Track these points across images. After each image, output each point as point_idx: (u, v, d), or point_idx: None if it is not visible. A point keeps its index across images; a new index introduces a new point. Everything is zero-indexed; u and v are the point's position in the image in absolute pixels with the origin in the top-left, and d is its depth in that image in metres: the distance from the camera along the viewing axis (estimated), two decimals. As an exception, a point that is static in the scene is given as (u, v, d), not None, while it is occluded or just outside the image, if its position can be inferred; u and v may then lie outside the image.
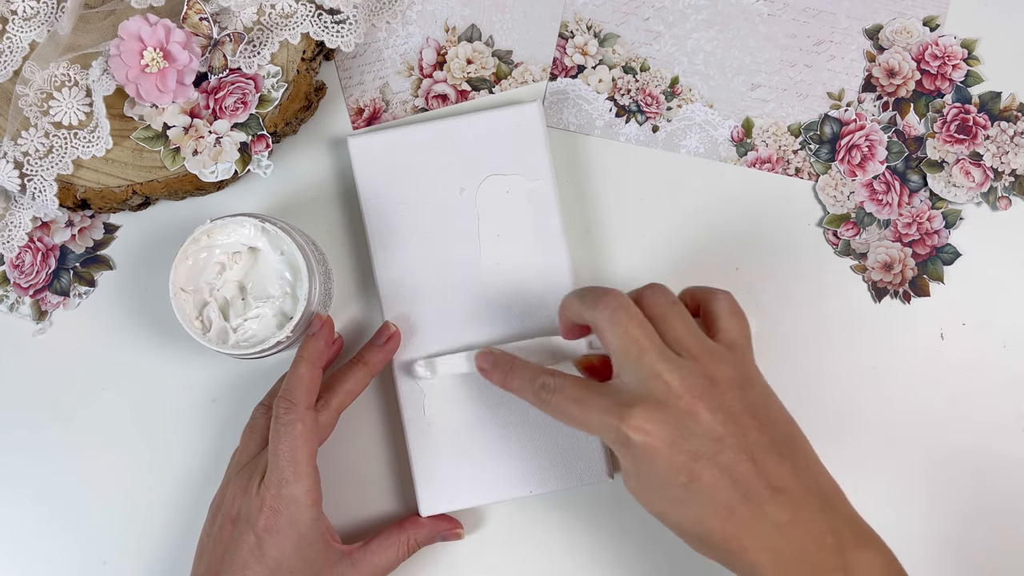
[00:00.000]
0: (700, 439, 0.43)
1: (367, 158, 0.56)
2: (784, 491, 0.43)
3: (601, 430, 0.45)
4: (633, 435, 0.44)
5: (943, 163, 0.58)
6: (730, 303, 0.48)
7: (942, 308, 0.57)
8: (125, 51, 0.52)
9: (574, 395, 0.46)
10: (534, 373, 0.49)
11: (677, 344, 0.46)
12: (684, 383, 0.44)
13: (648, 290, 0.48)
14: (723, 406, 0.44)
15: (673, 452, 0.43)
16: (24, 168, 0.54)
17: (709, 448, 0.43)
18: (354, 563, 0.51)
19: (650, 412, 0.44)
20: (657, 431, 0.43)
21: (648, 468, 0.44)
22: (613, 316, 0.46)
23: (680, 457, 0.43)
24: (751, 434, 0.44)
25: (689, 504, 0.44)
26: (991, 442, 0.57)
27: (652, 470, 0.44)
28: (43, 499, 0.58)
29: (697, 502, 0.43)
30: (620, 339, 0.45)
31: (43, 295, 0.58)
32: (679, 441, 0.43)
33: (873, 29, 0.59)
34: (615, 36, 0.59)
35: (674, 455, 0.43)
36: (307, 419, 0.49)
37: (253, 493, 0.49)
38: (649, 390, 0.44)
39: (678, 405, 0.44)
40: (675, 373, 0.44)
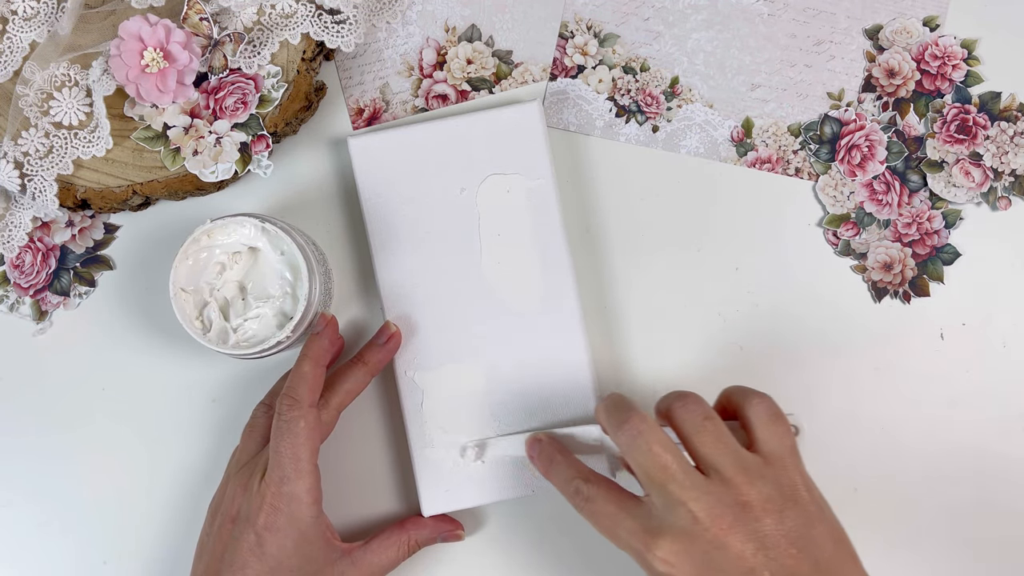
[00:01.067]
0: (729, 573, 0.42)
1: (367, 158, 0.56)
2: None
3: (628, 550, 0.44)
4: (658, 566, 0.42)
5: (943, 163, 0.58)
6: (768, 409, 0.46)
7: (942, 308, 0.57)
8: (125, 51, 0.52)
9: (606, 510, 0.45)
10: (571, 476, 0.48)
11: (706, 462, 0.44)
12: (711, 513, 0.42)
13: (679, 403, 0.46)
14: (757, 535, 0.42)
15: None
16: (24, 168, 0.54)
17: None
18: (354, 562, 0.51)
19: (675, 544, 0.42)
20: (682, 564, 0.42)
21: None
22: (634, 442, 0.45)
23: None
24: (787, 562, 0.42)
25: None
26: (991, 442, 0.57)
27: None
28: (43, 499, 0.58)
29: None
30: (644, 465, 0.44)
31: (43, 295, 0.58)
32: (706, 574, 0.42)
33: (873, 29, 0.59)
34: (615, 36, 0.59)
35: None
36: (310, 417, 0.49)
37: (254, 491, 0.49)
38: (676, 520, 0.43)
39: (704, 537, 0.42)
40: (701, 501, 0.43)
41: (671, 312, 0.57)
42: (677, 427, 0.45)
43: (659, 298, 0.58)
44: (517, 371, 0.55)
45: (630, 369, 0.57)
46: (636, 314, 0.57)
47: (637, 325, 0.57)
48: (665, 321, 0.57)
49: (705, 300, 0.57)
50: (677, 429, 0.45)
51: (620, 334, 0.57)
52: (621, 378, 0.57)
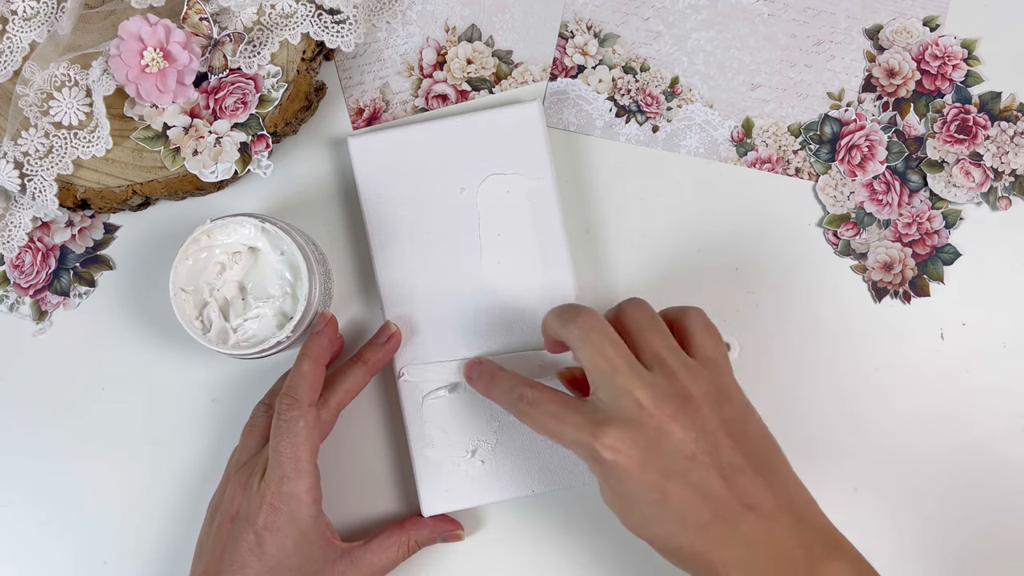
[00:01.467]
0: (671, 457, 0.44)
1: (367, 158, 0.56)
2: (755, 508, 0.44)
3: (574, 445, 0.45)
4: (605, 454, 0.44)
5: (943, 163, 0.58)
6: (702, 318, 0.49)
7: (942, 308, 0.57)
8: (125, 51, 0.52)
9: (551, 410, 0.47)
10: (513, 384, 0.49)
11: (652, 360, 0.46)
12: (656, 401, 0.44)
13: (627, 305, 0.48)
14: (696, 423, 0.44)
15: (644, 471, 0.44)
16: (24, 168, 0.54)
17: (680, 466, 0.44)
18: (354, 561, 0.51)
19: (622, 431, 0.44)
20: (628, 450, 0.44)
21: (620, 486, 0.44)
22: (586, 336, 0.46)
23: (651, 475, 0.44)
24: (724, 451, 0.44)
25: (660, 522, 0.44)
26: (991, 442, 0.57)
27: (624, 488, 0.44)
28: (43, 499, 0.58)
29: (668, 519, 0.44)
30: (592, 358, 0.46)
31: (43, 295, 0.58)
32: (650, 460, 0.44)
33: (873, 29, 0.59)
34: (615, 36, 0.59)
35: (645, 473, 0.44)
36: (309, 416, 0.49)
37: (253, 491, 0.49)
38: (621, 408, 0.45)
39: (649, 423, 0.44)
40: (647, 391, 0.45)
41: (671, 312, 0.57)
42: (625, 325, 0.47)
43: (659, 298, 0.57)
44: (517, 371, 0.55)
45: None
46: (636, 314, 0.57)
47: (637, 325, 0.57)
48: (665, 321, 0.57)
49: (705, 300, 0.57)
50: (624, 327, 0.47)
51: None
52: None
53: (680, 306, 0.50)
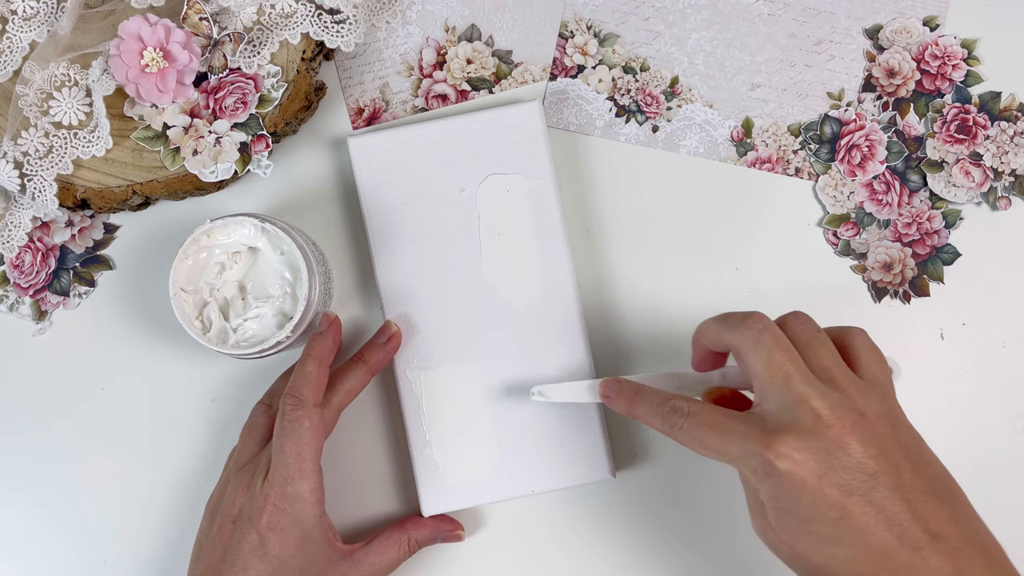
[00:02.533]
0: (852, 473, 0.40)
1: (367, 158, 0.56)
2: (943, 538, 0.40)
3: (741, 458, 0.42)
4: (780, 463, 0.40)
5: (943, 163, 0.58)
6: (867, 339, 0.46)
7: (942, 308, 0.57)
8: (125, 51, 0.52)
9: (710, 420, 0.43)
10: (664, 397, 0.46)
11: (823, 373, 0.43)
12: (834, 412, 0.41)
13: (792, 317, 0.45)
14: (875, 441, 0.41)
15: (823, 484, 0.40)
16: (24, 168, 0.54)
17: (862, 484, 0.40)
18: (355, 563, 0.51)
19: (799, 440, 0.41)
20: (806, 461, 0.40)
21: (793, 502, 0.41)
22: (758, 338, 0.43)
23: (831, 490, 0.40)
24: (905, 474, 0.41)
25: (838, 543, 0.40)
26: (991, 442, 0.57)
27: (798, 504, 0.41)
28: (43, 499, 0.58)
29: (848, 541, 0.40)
30: (765, 363, 0.43)
31: (43, 295, 0.58)
32: (830, 473, 0.40)
33: (873, 29, 0.59)
34: (615, 36, 0.59)
35: (824, 488, 0.40)
36: (314, 417, 0.49)
37: (256, 491, 0.49)
38: (797, 418, 0.41)
39: (827, 435, 0.41)
40: (824, 401, 0.41)
41: (671, 312, 0.57)
42: (793, 337, 0.44)
43: (659, 298, 0.57)
44: (517, 371, 0.55)
45: (630, 369, 0.57)
46: (636, 314, 0.57)
47: (637, 324, 0.57)
48: (665, 321, 0.57)
49: (705, 300, 0.57)
50: (793, 339, 0.44)
51: (620, 334, 0.57)
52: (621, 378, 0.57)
53: (843, 325, 0.46)
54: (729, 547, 0.56)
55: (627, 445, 0.57)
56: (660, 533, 0.56)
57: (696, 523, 0.56)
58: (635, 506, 0.57)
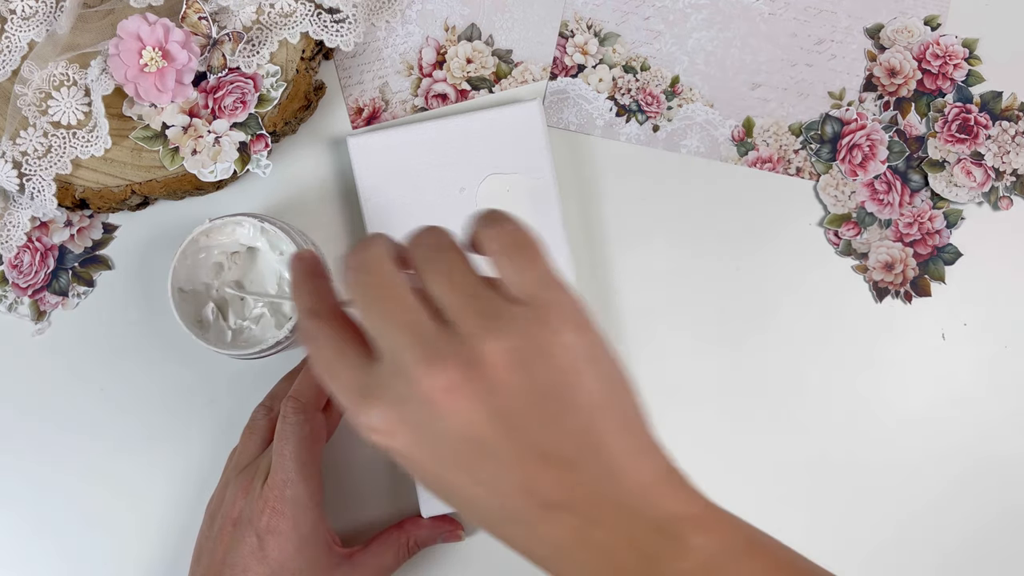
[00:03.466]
0: (452, 443, 0.33)
1: (367, 158, 0.56)
2: (566, 506, 0.33)
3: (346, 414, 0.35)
4: (372, 436, 0.34)
5: (944, 163, 0.58)
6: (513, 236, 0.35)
7: (943, 308, 0.57)
8: (124, 50, 0.52)
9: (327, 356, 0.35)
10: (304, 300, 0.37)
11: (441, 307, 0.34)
12: (432, 369, 0.32)
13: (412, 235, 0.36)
14: (489, 397, 0.32)
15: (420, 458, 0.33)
16: (23, 168, 0.54)
17: (464, 455, 0.33)
18: (355, 566, 0.51)
19: (389, 410, 0.33)
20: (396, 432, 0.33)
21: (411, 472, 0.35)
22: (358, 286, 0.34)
23: (429, 466, 0.34)
24: (531, 434, 0.33)
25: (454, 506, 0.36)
26: (992, 442, 0.57)
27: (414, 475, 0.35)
28: (42, 499, 0.57)
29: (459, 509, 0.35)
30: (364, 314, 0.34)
31: (42, 295, 0.58)
32: (423, 445, 0.33)
33: (874, 28, 0.58)
34: (615, 35, 0.59)
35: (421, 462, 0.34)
36: (315, 421, 0.49)
37: (256, 494, 0.49)
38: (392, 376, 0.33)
39: (423, 399, 0.32)
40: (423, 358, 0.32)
41: (671, 312, 0.57)
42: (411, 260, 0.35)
43: (659, 298, 0.57)
44: None
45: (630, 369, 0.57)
46: (636, 313, 0.57)
47: (637, 324, 0.57)
48: (665, 321, 0.57)
49: (705, 300, 0.57)
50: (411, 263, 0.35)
51: (620, 333, 0.57)
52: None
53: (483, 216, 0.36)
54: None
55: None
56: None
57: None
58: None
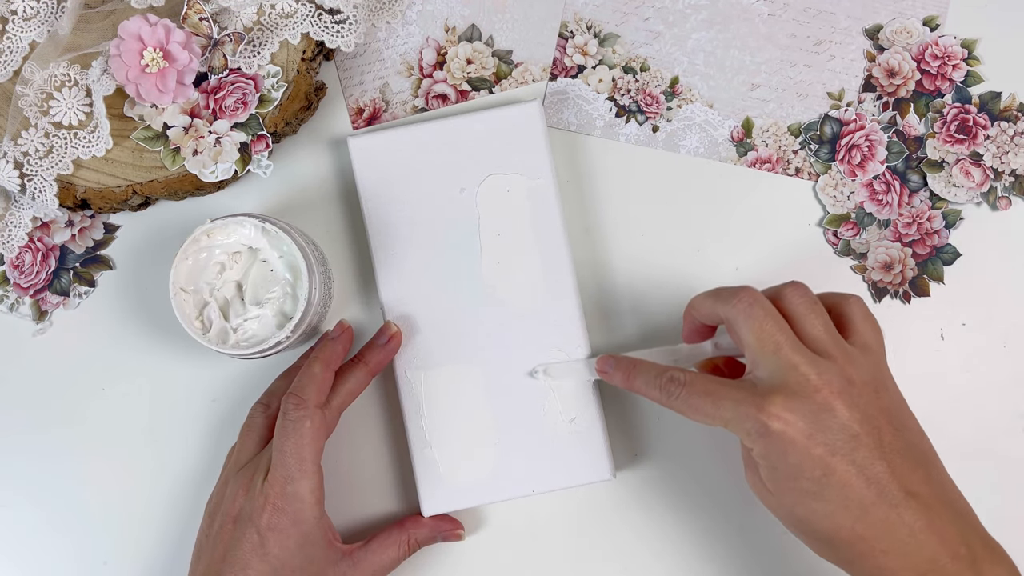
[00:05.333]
0: (837, 434, 0.43)
1: (367, 158, 0.56)
2: (918, 496, 0.43)
3: (735, 421, 0.45)
4: (772, 423, 0.43)
5: (943, 163, 0.58)
6: (862, 307, 0.48)
7: (942, 308, 0.57)
8: (125, 51, 0.52)
9: (705, 388, 0.46)
10: (660, 369, 0.48)
11: (814, 343, 0.45)
12: (822, 378, 0.44)
13: (788, 288, 0.47)
14: (859, 405, 0.44)
15: (810, 443, 0.43)
16: (24, 168, 0.54)
17: (845, 444, 0.43)
18: (355, 563, 0.51)
19: (789, 402, 0.43)
20: (795, 421, 0.43)
21: (782, 459, 0.44)
22: (749, 311, 0.46)
23: (817, 449, 0.43)
24: (886, 436, 0.44)
25: (820, 499, 0.43)
26: (991, 442, 0.57)
27: (786, 461, 0.44)
28: (43, 499, 0.58)
29: (829, 497, 0.43)
30: (756, 333, 0.45)
31: (43, 295, 0.58)
32: (816, 433, 0.43)
33: (873, 29, 0.59)
34: (615, 36, 0.59)
35: (811, 447, 0.43)
36: (316, 418, 0.49)
37: (256, 491, 0.49)
38: (786, 382, 0.44)
39: (815, 398, 0.43)
40: (812, 367, 0.44)
41: (671, 312, 0.57)
42: (786, 309, 0.46)
43: (659, 298, 0.57)
44: (517, 371, 0.55)
45: (630, 369, 0.57)
46: (636, 314, 0.57)
47: (637, 325, 0.57)
48: (665, 321, 0.57)
49: (705, 300, 0.57)
50: (786, 310, 0.46)
51: (620, 334, 0.57)
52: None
53: (840, 292, 0.49)
54: (729, 547, 0.56)
55: (627, 445, 0.57)
56: (660, 533, 0.56)
57: (696, 523, 0.56)
58: (635, 506, 0.57)
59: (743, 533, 0.56)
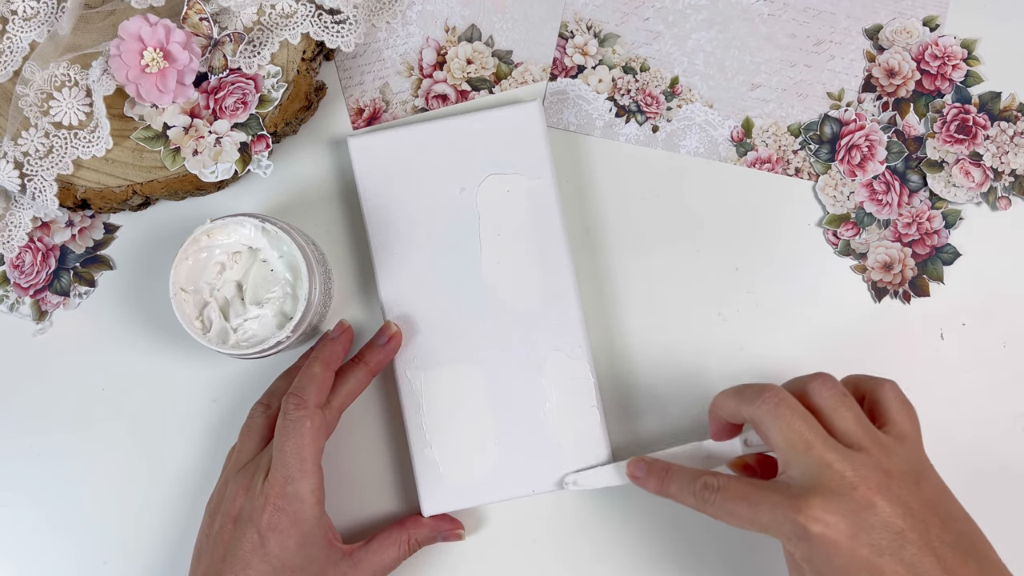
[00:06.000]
0: (880, 532, 0.41)
1: (367, 158, 0.56)
2: None
3: (773, 526, 0.43)
4: (812, 527, 0.42)
5: (943, 163, 0.58)
6: (897, 393, 0.47)
7: (942, 308, 0.57)
8: (125, 51, 0.52)
9: (740, 493, 0.45)
10: (694, 475, 0.47)
11: (846, 437, 0.44)
12: (858, 474, 0.42)
13: (814, 382, 0.46)
14: (900, 499, 0.42)
15: (854, 545, 0.41)
16: (24, 168, 0.54)
17: (891, 542, 0.41)
18: (356, 562, 0.51)
19: (827, 503, 0.42)
20: (836, 522, 0.41)
21: (827, 563, 0.42)
22: (775, 411, 0.44)
23: (862, 551, 0.41)
24: (933, 530, 0.42)
25: None
26: (991, 442, 0.57)
27: (831, 565, 0.42)
28: (43, 499, 0.58)
29: None
30: (785, 434, 0.44)
31: (43, 295, 0.58)
32: (859, 534, 0.41)
33: (873, 29, 0.59)
34: (615, 36, 0.59)
35: (856, 548, 0.41)
36: (316, 417, 0.49)
37: (257, 491, 0.49)
38: (821, 482, 0.42)
39: (854, 496, 0.42)
40: (847, 463, 0.42)
41: (671, 312, 0.57)
42: (814, 403, 0.45)
43: (659, 298, 0.58)
44: (517, 371, 0.55)
45: (630, 369, 0.57)
46: (636, 314, 0.57)
47: (637, 325, 0.57)
48: (665, 321, 0.57)
49: (705, 300, 0.57)
50: (813, 405, 0.45)
51: (620, 334, 0.57)
52: (621, 378, 0.57)
53: (874, 378, 0.48)
54: (729, 547, 0.56)
55: (627, 445, 0.57)
56: (660, 533, 0.56)
57: (696, 524, 0.56)
58: (635, 506, 0.57)
59: (743, 534, 0.56)
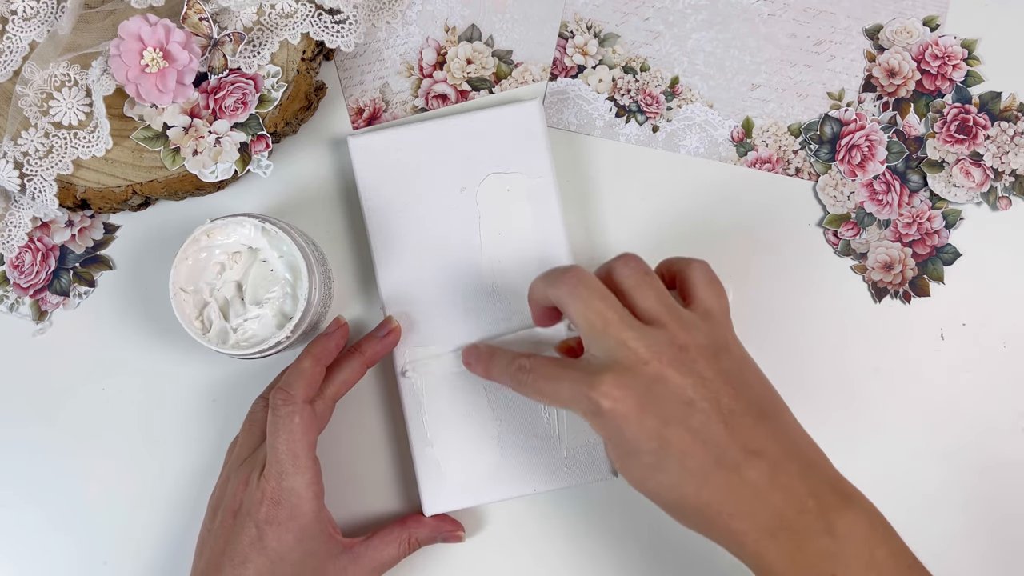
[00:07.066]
0: (669, 403, 0.43)
1: (367, 158, 0.56)
2: (760, 454, 0.42)
3: (573, 402, 0.45)
4: (603, 402, 0.43)
5: (943, 163, 0.58)
6: (706, 272, 0.48)
7: (942, 308, 0.57)
8: (125, 51, 0.52)
9: (547, 372, 0.46)
10: (511, 358, 0.49)
11: (646, 314, 0.45)
12: (651, 349, 0.43)
13: (618, 262, 0.47)
14: (694, 371, 0.43)
15: (643, 416, 0.43)
16: (24, 168, 0.54)
17: (679, 412, 0.43)
18: (355, 557, 0.51)
19: (619, 378, 0.43)
20: (625, 397, 0.43)
21: (620, 436, 0.43)
22: (574, 291, 0.45)
23: (650, 422, 0.43)
24: (724, 398, 0.43)
25: (662, 470, 0.43)
26: (991, 442, 0.57)
27: (624, 438, 0.43)
28: (43, 499, 0.58)
29: (669, 467, 0.43)
30: (583, 313, 0.45)
31: (43, 295, 0.58)
32: (648, 406, 0.43)
33: (873, 29, 0.59)
34: (615, 36, 0.59)
35: (644, 420, 0.43)
36: (304, 412, 0.49)
37: (254, 485, 0.49)
38: (616, 359, 0.44)
39: (645, 371, 0.43)
40: (641, 340, 0.44)
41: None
42: (617, 283, 0.46)
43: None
44: None
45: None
46: (636, 314, 0.57)
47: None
48: (665, 321, 0.57)
49: (705, 300, 0.57)
50: (617, 285, 0.46)
51: (620, 334, 0.57)
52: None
53: (685, 258, 0.49)
54: (729, 547, 0.56)
55: (627, 445, 0.57)
56: (660, 533, 0.56)
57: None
58: (635, 506, 0.57)
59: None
